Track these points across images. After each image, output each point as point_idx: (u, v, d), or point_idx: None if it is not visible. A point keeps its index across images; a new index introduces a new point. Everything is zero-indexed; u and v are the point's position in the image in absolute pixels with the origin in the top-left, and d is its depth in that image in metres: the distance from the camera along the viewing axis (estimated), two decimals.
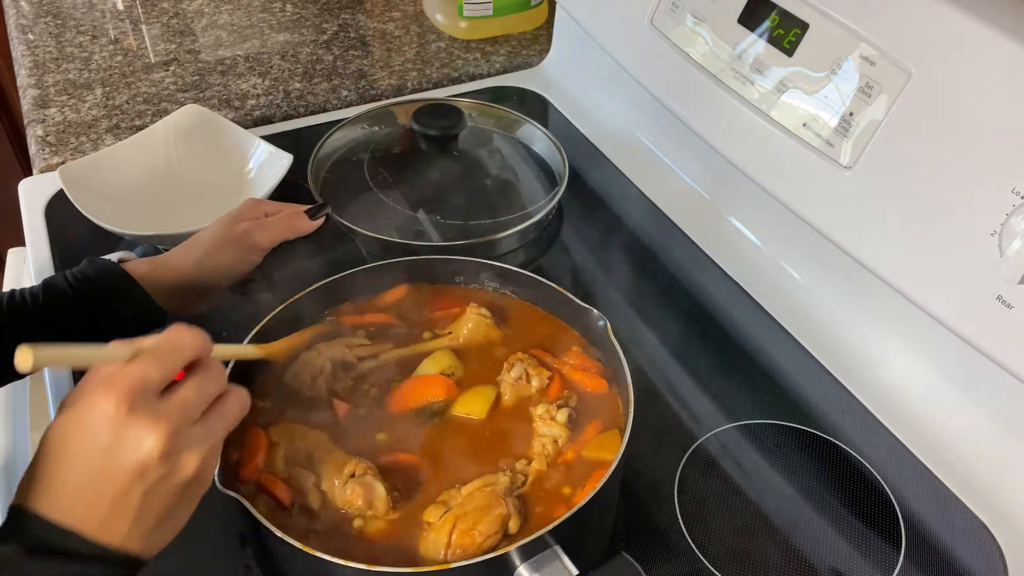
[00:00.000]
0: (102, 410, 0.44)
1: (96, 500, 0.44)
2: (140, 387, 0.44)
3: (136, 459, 0.44)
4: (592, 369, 0.67)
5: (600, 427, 0.64)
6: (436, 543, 0.55)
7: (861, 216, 0.70)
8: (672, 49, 0.86)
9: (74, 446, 0.44)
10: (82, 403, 0.44)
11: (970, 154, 0.62)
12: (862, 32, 0.69)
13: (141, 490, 0.44)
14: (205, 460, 0.47)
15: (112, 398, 0.44)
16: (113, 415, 0.43)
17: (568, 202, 0.97)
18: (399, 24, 1.33)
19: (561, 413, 0.63)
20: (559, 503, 0.59)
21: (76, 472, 0.44)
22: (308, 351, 0.67)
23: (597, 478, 0.57)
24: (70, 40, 1.24)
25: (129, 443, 0.44)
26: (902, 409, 0.75)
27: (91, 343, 0.46)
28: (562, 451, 0.62)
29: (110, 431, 0.43)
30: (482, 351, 0.69)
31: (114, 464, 0.44)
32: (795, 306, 0.84)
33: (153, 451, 0.44)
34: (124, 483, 0.44)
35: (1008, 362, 0.61)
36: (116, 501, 0.44)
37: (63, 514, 0.44)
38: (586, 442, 0.62)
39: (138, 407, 0.44)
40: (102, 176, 0.91)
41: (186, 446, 0.46)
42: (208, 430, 0.47)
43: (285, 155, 0.93)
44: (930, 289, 0.65)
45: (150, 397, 0.45)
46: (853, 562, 0.65)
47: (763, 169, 0.79)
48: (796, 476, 0.71)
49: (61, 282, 0.67)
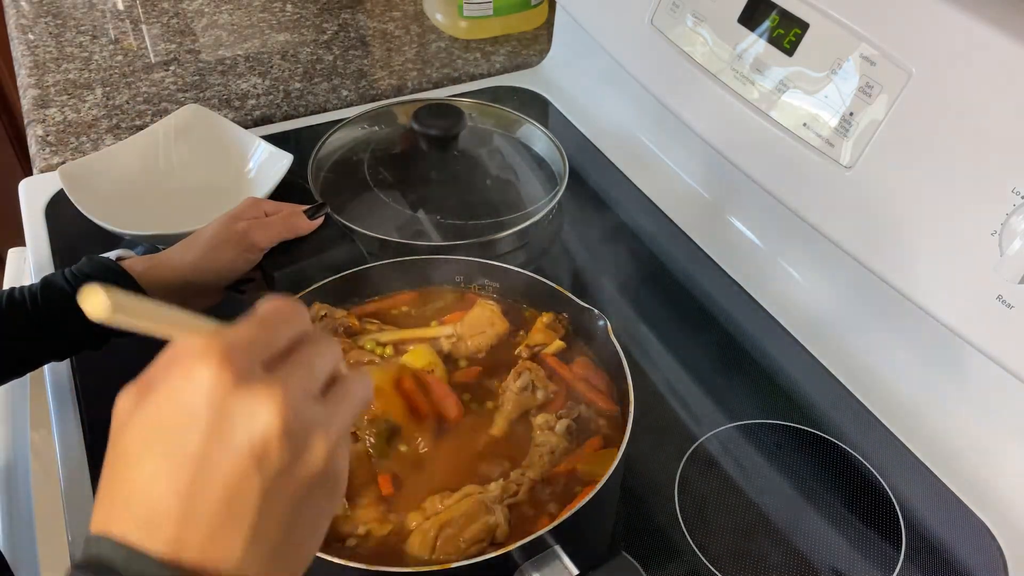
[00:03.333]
0: (199, 383, 0.33)
1: (199, 507, 0.33)
2: (246, 354, 0.34)
3: (250, 440, 0.33)
4: (602, 384, 0.66)
5: (599, 444, 0.62)
6: (421, 547, 0.55)
7: (861, 216, 0.70)
8: (672, 49, 0.86)
9: (163, 438, 0.33)
10: (168, 382, 0.34)
11: (970, 154, 0.62)
12: (862, 32, 0.69)
13: (259, 485, 0.33)
14: (335, 448, 0.36)
15: (211, 366, 0.33)
16: (214, 386, 0.33)
17: (568, 202, 0.97)
18: (399, 24, 1.33)
19: (560, 424, 0.62)
20: (544, 517, 0.58)
21: (168, 473, 0.33)
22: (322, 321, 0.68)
23: (583, 495, 0.55)
24: (70, 40, 1.24)
25: (239, 419, 0.33)
26: (902, 409, 0.75)
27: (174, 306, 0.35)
28: (558, 462, 0.60)
29: (212, 408, 0.33)
30: (488, 341, 0.68)
31: (222, 451, 0.33)
32: (795, 306, 0.84)
33: (271, 426, 0.33)
34: (236, 475, 0.33)
35: (1008, 362, 0.61)
36: (227, 505, 0.33)
37: (151, 536, 0.33)
38: (583, 457, 0.61)
39: (246, 376, 0.33)
40: (102, 176, 0.91)
41: (311, 425, 0.35)
42: (331, 412, 0.36)
43: (285, 155, 0.93)
44: (930, 289, 0.65)
45: (257, 367, 0.34)
46: (853, 562, 0.65)
47: (763, 169, 0.79)
48: (796, 476, 0.71)
49: (60, 280, 0.67)
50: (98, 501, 0.35)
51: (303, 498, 0.35)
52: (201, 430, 0.33)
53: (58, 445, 0.72)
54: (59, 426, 0.73)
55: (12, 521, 0.81)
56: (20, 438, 0.88)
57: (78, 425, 0.73)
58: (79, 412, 0.74)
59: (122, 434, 0.34)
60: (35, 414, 0.88)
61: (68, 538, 0.66)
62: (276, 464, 0.33)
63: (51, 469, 0.72)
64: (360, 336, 0.69)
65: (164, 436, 0.33)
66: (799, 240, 0.83)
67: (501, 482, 0.59)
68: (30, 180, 0.98)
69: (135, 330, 0.33)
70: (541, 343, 0.68)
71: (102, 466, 0.35)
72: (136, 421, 0.34)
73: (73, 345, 0.68)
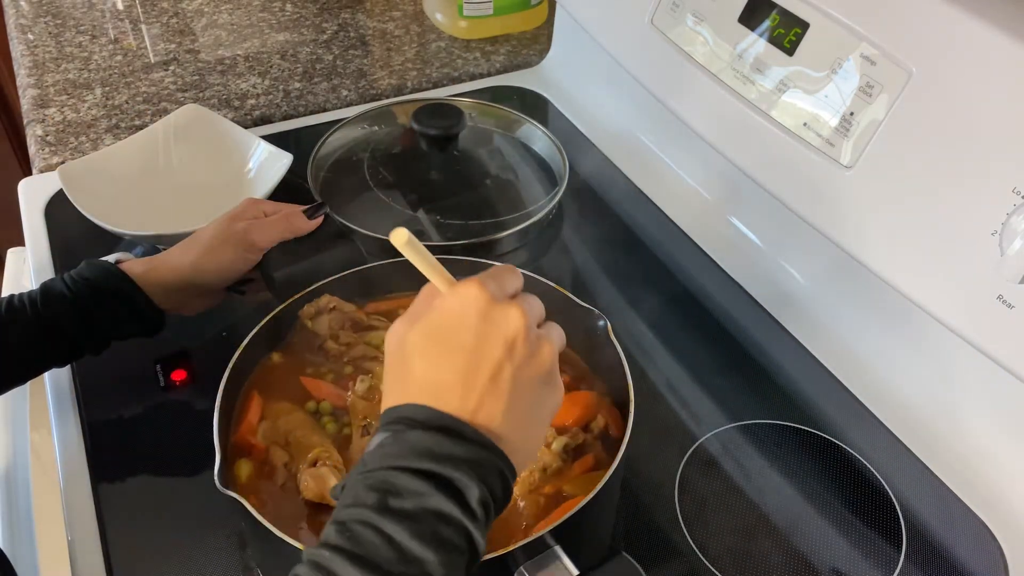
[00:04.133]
0: (468, 299, 0.45)
1: (472, 382, 0.44)
2: (494, 285, 0.46)
3: (504, 337, 0.44)
4: (602, 385, 0.65)
5: (589, 465, 0.62)
6: None
7: (861, 216, 0.70)
8: (672, 49, 0.86)
9: (443, 337, 0.45)
10: (439, 306, 0.46)
11: (970, 153, 0.62)
12: (863, 32, 0.68)
13: (511, 369, 0.44)
14: (555, 354, 0.47)
15: (474, 288, 0.45)
16: (479, 300, 0.45)
17: (568, 202, 0.97)
18: (399, 24, 1.33)
19: (557, 442, 0.61)
20: (517, 532, 0.57)
21: (450, 360, 0.44)
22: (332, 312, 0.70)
23: (563, 512, 0.55)
24: (70, 40, 1.24)
25: (497, 323, 0.45)
26: (902, 409, 0.75)
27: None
28: (547, 481, 0.60)
29: (479, 315, 0.45)
30: None
31: (487, 344, 0.44)
32: (795, 306, 0.84)
33: (518, 329, 0.45)
34: (497, 361, 0.44)
35: (1008, 362, 0.61)
36: (491, 381, 0.44)
37: (440, 402, 0.44)
38: (570, 478, 0.60)
39: (499, 297, 0.46)
40: (102, 176, 0.90)
41: (540, 336, 0.47)
42: (546, 338, 0.47)
43: (285, 155, 0.93)
44: (930, 289, 0.65)
45: (503, 295, 0.47)
46: (854, 562, 0.65)
47: (763, 169, 0.79)
48: (796, 476, 0.71)
49: (59, 285, 0.67)
50: (386, 395, 0.46)
51: (538, 386, 0.46)
52: (472, 329, 0.44)
53: (58, 446, 0.72)
54: (59, 427, 0.73)
55: (12, 521, 0.81)
56: (20, 439, 0.89)
57: (78, 426, 0.73)
58: (79, 413, 0.74)
59: (401, 346, 0.46)
60: (35, 415, 0.88)
61: (68, 538, 0.66)
62: (521, 356, 0.45)
63: (51, 469, 0.72)
64: (367, 332, 0.69)
65: (444, 335, 0.45)
66: (799, 240, 0.83)
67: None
68: (30, 180, 0.98)
69: (415, 264, 0.47)
70: None
71: (384, 375, 0.47)
72: (416, 331, 0.45)
73: (74, 351, 0.68)
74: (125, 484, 0.69)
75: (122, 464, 0.70)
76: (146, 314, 0.69)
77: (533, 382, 0.46)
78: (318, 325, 0.69)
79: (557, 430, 0.62)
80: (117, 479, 0.69)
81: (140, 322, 0.69)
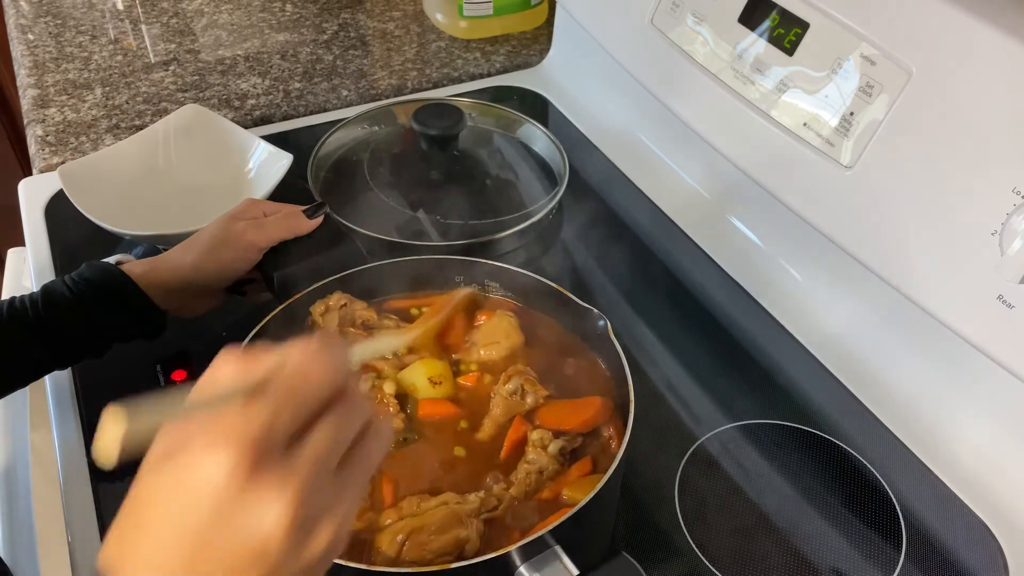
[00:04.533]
0: (216, 467, 0.33)
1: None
2: (265, 440, 0.33)
3: (254, 535, 0.33)
4: (601, 385, 0.65)
5: (587, 468, 0.60)
6: (388, 547, 0.54)
7: (861, 216, 0.70)
8: (672, 49, 0.86)
9: (177, 504, 0.34)
10: (192, 453, 0.34)
11: (970, 153, 0.62)
12: (862, 32, 0.68)
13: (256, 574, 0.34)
14: (339, 531, 0.36)
15: (231, 455, 0.33)
16: (230, 473, 0.33)
17: (568, 202, 0.97)
18: (399, 24, 1.33)
19: (554, 444, 0.60)
20: (515, 533, 0.56)
21: (176, 540, 0.34)
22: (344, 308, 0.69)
23: (563, 512, 0.54)
24: (70, 40, 1.24)
25: (247, 517, 0.33)
26: (902, 408, 0.75)
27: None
28: (544, 484, 0.59)
29: (222, 497, 0.33)
30: (501, 352, 0.67)
31: (225, 539, 0.33)
32: (795, 306, 0.84)
33: (278, 526, 0.33)
34: (235, 565, 0.33)
35: (1008, 362, 0.61)
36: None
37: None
38: (568, 482, 0.59)
39: (263, 464, 0.33)
40: (102, 176, 0.90)
41: (318, 514, 0.35)
42: (344, 487, 0.36)
43: (285, 155, 0.93)
44: (930, 289, 0.65)
45: (276, 452, 0.34)
46: (854, 562, 0.65)
47: (763, 169, 0.79)
48: (797, 476, 0.71)
49: (60, 287, 0.67)
50: (115, 527, 0.36)
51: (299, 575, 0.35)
52: (208, 513, 0.33)
53: (58, 446, 0.72)
54: (59, 427, 0.73)
55: (12, 523, 0.81)
56: (20, 439, 0.88)
57: (78, 426, 0.73)
58: (79, 413, 0.74)
59: (146, 478, 0.35)
60: (35, 415, 0.88)
61: (68, 539, 0.66)
62: (276, 558, 0.34)
63: (51, 470, 0.72)
64: (376, 331, 0.69)
65: (178, 503, 0.34)
66: (799, 240, 0.83)
67: (481, 494, 0.57)
68: (30, 180, 0.98)
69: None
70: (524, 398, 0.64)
71: (129, 491, 0.36)
72: (158, 477, 0.35)
73: (76, 353, 0.68)
74: (125, 484, 0.69)
75: (122, 464, 0.70)
76: (147, 315, 0.69)
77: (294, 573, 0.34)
78: (327, 322, 0.69)
79: (554, 433, 0.61)
80: (117, 479, 0.69)
81: (142, 323, 0.69)
